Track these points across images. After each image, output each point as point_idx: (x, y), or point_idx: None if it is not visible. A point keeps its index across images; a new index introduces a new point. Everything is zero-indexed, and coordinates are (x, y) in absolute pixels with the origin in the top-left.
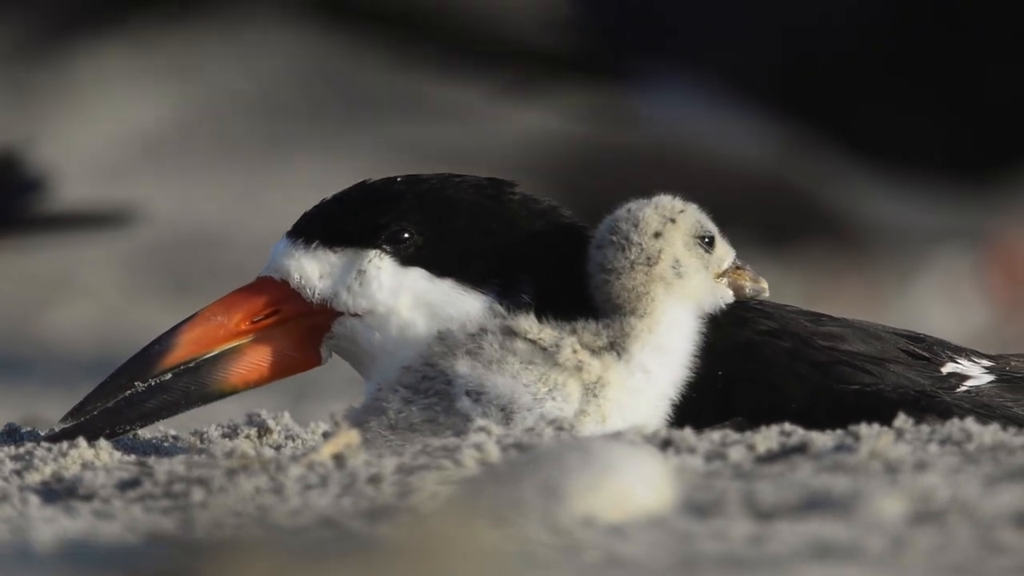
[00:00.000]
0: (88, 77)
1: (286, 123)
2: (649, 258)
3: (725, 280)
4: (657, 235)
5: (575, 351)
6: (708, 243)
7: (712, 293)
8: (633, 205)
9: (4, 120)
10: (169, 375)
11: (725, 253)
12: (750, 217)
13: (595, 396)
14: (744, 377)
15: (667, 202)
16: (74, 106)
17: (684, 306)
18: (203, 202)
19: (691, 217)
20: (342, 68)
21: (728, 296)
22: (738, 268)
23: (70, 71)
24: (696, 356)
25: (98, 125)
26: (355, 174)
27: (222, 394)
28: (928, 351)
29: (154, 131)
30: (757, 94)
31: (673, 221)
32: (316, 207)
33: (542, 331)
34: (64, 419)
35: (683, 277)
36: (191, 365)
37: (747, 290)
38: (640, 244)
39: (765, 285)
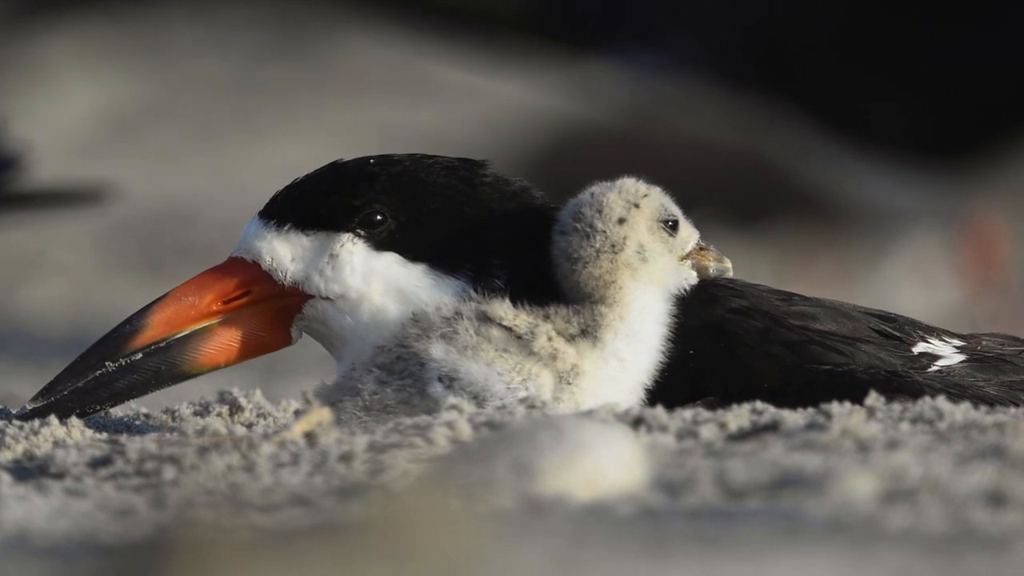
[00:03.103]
0: (60, 56)
1: (258, 101)
2: (614, 245)
3: (689, 262)
4: (621, 221)
5: (550, 339)
6: (672, 226)
7: (677, 275)
8: (596, 189)
9: None
10: (140, 355)
11: (689, 235)
12: (722, 195)
13: (569, 384)
14: (716, 356)
15: (631, 186)
16: (46, 85)
17: (652, 291)
18: (175, 180)
19: (655, 201)
20: (313, 45)
21: (692, 277)
22: (701, 249)
23: (42, 50)
24: (668, 338)
25: (70, 104)
26: (327, 153)
27: (192, 374)
28: (899, 331)
29: (126, 109)
30: (729, 71)
31: (637, 206)
32: (288, 188)
33: (517, 317)
34: (34, 399)
35: (648, 262)
36: (162, 345)
37: (711, 270)
38: (604, 231)
39: (729, 264)
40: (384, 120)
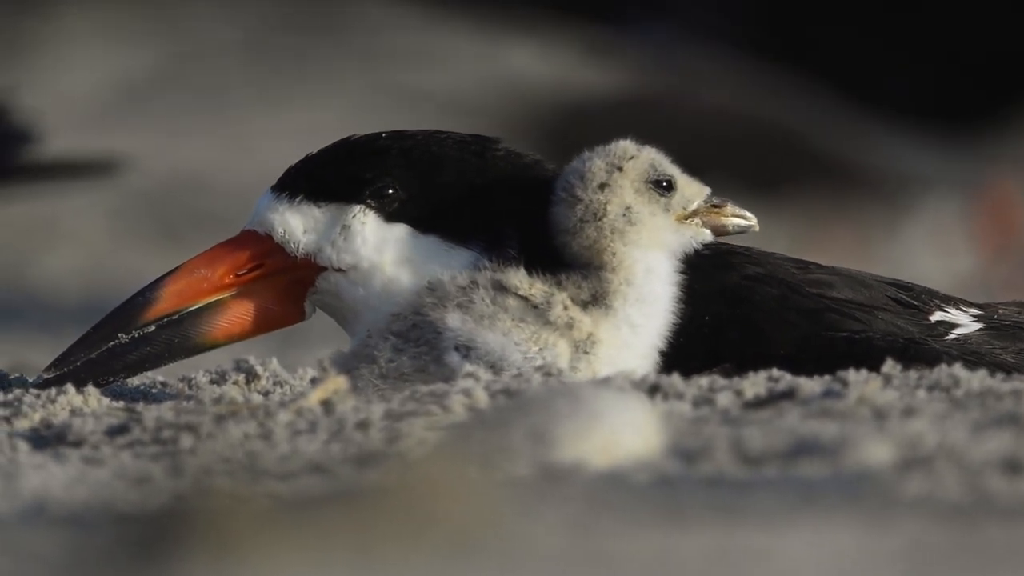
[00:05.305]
0: (71, 26)
1: (272, 70)
2: (595, 213)
3: (698, 220)
4: (602, 186)
5: (566, 307)
6: (666, 186)
7: (679, 235)
8: (586, 155)
9: None
10: (152, 327)
11: (694, 193)
12: (739, 163)
13: (586, 353)
14: (732, 323)
15: (619, 149)
16: (59, 54)
17: (653, 252)
18: (189, 150)
19: (643, 162)
20: (326, 14)
21: (706, 236)
22: (715, 206)
23: (55, 19)
24: (681, 301)
25: (84, 73)
26: (341, 120)
27: (205, 347)
28: (917, 300)
29: (140, 79)
30: (746, 39)
31: (620, 169)
32: (301, 161)
33: (532, 286)
34: (47, 369)
35: (636, 224)
36: (174, 318)
37: (730, 227)
38: (584, 200)
39: (753, 220)
40: (398, 87)
